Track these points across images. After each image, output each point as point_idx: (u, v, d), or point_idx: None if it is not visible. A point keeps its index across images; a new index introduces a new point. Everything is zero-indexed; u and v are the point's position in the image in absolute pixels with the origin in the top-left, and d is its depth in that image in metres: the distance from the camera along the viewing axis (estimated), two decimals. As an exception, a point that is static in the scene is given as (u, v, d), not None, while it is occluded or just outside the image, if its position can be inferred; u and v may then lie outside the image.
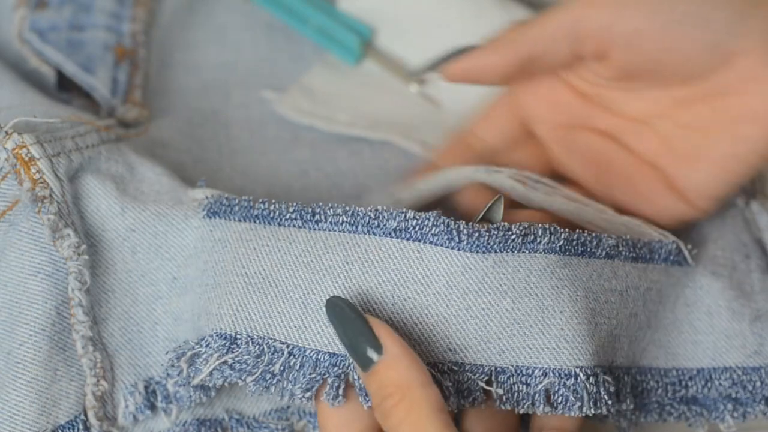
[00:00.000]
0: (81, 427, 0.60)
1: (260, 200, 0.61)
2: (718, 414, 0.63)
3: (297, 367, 0.57)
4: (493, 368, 0.57)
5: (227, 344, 0.58)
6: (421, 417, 0.53)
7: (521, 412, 0.58)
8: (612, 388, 0.59)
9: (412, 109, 0.77)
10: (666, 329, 0.63)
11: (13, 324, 0.60)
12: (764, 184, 0.72)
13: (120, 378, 0.61)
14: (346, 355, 0.57)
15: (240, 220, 0.61)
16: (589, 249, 0.59)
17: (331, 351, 0.57)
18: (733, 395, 0.63)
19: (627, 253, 0.61)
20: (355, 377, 0.56)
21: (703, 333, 0.63)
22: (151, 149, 0.70)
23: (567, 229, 0.59)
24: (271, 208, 0.60)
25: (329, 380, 0.56)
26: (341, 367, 0.57)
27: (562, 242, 0.58)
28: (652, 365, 0.62)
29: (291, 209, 0.60)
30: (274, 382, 0.57)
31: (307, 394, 0.57)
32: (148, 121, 0.72)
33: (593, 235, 0.60)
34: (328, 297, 0.57)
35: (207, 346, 0.58)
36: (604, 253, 0.60)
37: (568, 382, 0.57)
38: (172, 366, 0.59)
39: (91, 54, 0.73)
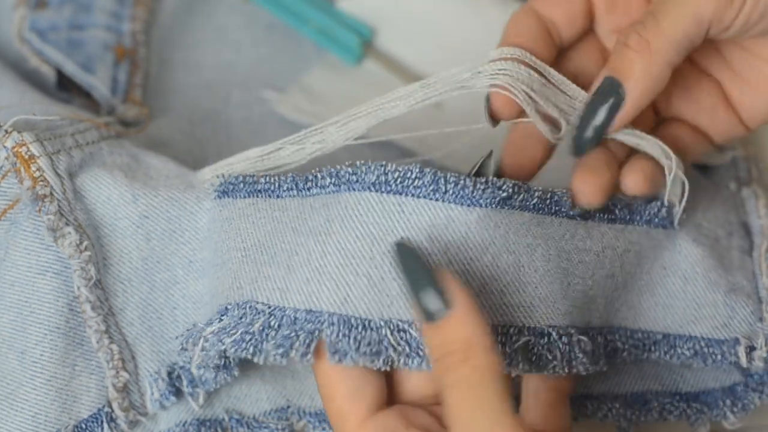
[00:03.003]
0: (105, 419, 0.60)
1: (263, 174, 0.60)
2: (719, 411, 0.63)
3: (276, 327, 0.56)
4: None
5: (219, 316, 0.58)
6: (484, 379, 0.52)
7: None
8: (588, 348, 0.58)
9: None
10: (639, 290, 0.62)
11: (24, 324, 0.60)
12: (760, 174, 0.72)
13: (143, 366, 0.61)
14: (321, 312, 0.55)
15: (245, 197, 0.61)
16: (562, 209, 0.59)
17: (307, 308, 0.56)
18: (693, 365, 0.62)
19: (602, 215, 0.60)
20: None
21: (676, 297, 0.62)
22: (151, 148, 0.70)
23: (541, 188, 0.58)
24: (272, 180, 0.60)
25: (301, 336, 0.55)
26: (315, 323, 0.55)
27: (535, 200, 0.57)
28: (621, 325, 0.61)
29: (288, 179, 0.59)
30: (252, 342, 0.56)
31: (280, 351, 0.55)
32: (148, 119, 0.72)
33: (567, 193, 0.59)
34: (311, 256, 0.56)
35: (210, 324, 0.58)
36: (578, 212, 0.59)
37: (541, 341, 0.57)
38: (184, 350, 0.59)
39: (91, 53, 0.73)
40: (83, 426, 0.60)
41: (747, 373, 0.64)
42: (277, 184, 0.60)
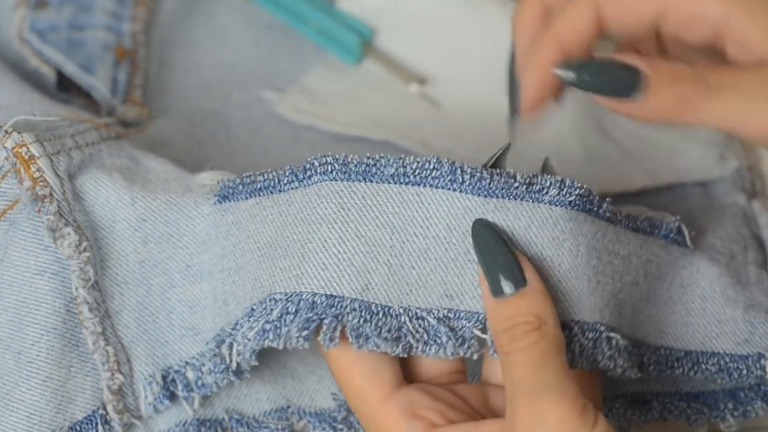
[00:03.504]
0: (99, 421, 0.60)
1: (260, 173, 0.60)
2: (719, 413, 0.63)
3: (293, 311, 0.56)
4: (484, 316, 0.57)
5: (247, 318, 0.58)
6: (551, 350, 0.54)
7: None
8: (622, 346, 0.58)
9: (412, 109, 0.77)
10: (660, 307, 0.62)
11: (21, 324, 0.60)
12: (765, 186, 0.72)
13: (138, 369, 0.61)
14: (343, 297, 0.56)
15: (247, 198, 0.61)
16: (594, 208, 0.59)
17: (327, 293, 0.56)
18: (718, 381, 0.62)
19: (626, 223, 0.61)
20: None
21: (696, 316, 0.63)
22: (151, 149, 0.70)
23: (582, 185, 0.58)
24: (271, 176, 0.60)
25: (326, 321, 0.56)
26: (338, 308, 0.56)
27: (573, 197, 0.58)
28: (645, 340, 0.62)
29: (287, 172, 0.59)
30: (272, 329, 0.56)
31: (304, 333, 0.55)
32: (148, 120, 0.72)
33: (597, 194, 0.59)
34: (326, 242, 0.57)
35: (240, 327, 0.58)
36: (606, 215, 0.59)
37: (563, 333, 0.57)
38: (215, 356, 0.59)
39: (91, 54, 0.73)
40: (78, 428, 0.60)
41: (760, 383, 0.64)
42: (276, 179, 0.60)
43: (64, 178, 0.61)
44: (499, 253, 0.56)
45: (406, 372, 0.58)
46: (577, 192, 0.57)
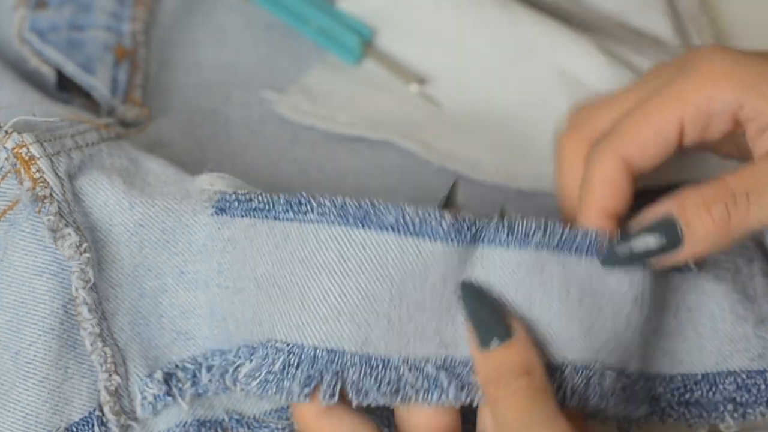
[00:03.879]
0: (96, 422, 0.60)
1: (256, 192, 0.60)
2: (718, 414, 0.63)
3: (295, 365, 0.57)
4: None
5: (249, 356, 0.59)
6: (540, 392, 0.55)
7: None
8: (617, 385, 0.59)
9: (412, 109, 0.77)
10: (670, 335, 0.63)
11: (20, 324, 0.60)
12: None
13: (133, 371, 0.61)
14: (344, 352, 0.57)
15: (242, 216, 0.61)
16: (591, 250, 0.59)
17: (328, 347, 0.57)
18: (738, 399, 0.63)
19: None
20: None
21: (707, 338, 0.63)
22: (151, 149, 0.70)
23: (566, 229, 0.58)
24: (265, 200, 0.60)
25: (326, 378, 0.57)
26: (339, 363, 0.57)
27: (557, 241, 0.58)
28: (660, 372, 0.62)
29: (282, 201, 0.59)
30: (275, 381, 0.57)
31: (306, 391, 0.57)
32: (148, 120, 0.72)
33: (598, 235, 0.59)
34: (327, 294, 0.57)
35: (241, 356, 0.59)
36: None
37: (555, 375, 0.58)
38: (219, 379, 0.60)
39: (91, 54, 0.73)
40: (74, 429, 0.60)
41: None
42: (271, 204, 0.59)
43: (64, 179, 0.61)
44: (485, 306, 0.57)
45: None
46: (561, 236, 0.58)
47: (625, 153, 0.60)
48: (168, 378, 0.61)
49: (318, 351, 0.57)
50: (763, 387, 0.62)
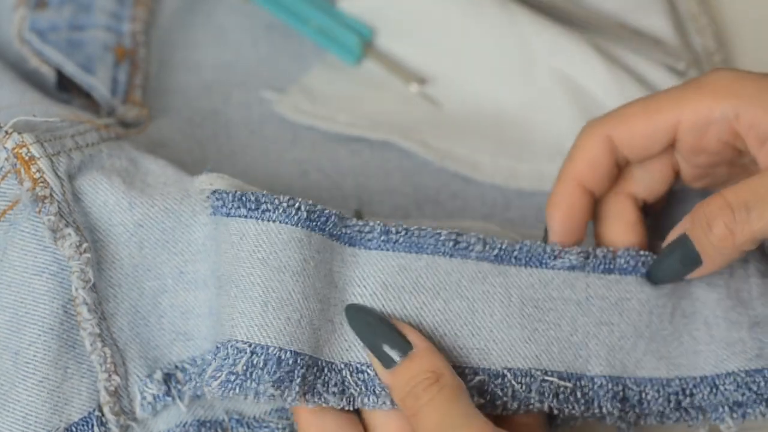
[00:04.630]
0: (95, 423, 0.60)
1: (215, 191, 0.61)
2: (718, 415, 0.63)
3: (260, 366, 0.57)
4: None
5: (213, 356, 0.59)
6: (453, 394, 0.57)
7: None
8: (559, 390, 0.60)
9: (412, 109, 0.77)
10: (665, 340, 0.63)
11: (19, 324, 0.60)
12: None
13: (133, 371, 0.61)
14: (304, 354, 0.58)
15: (216, 215, 0.61)
16: (533, 260, 0.61)
17: (292, 349, 0.58)
18: (739, 398, 0.63)
19: (597, 266, 0.62)
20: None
21: (703, 343, 0.63)
22: (151, 149, 0.70)
23: (505, 240, 0.61)
24: (218, 197, 0.60)
25: (296, 380, 0.57)
26: (302, 365, 0.58)
27: (496, 252, 0.60)
28: (653, 375, 0.62)
29: (232, 197, 0.59)
30: (238, 382, 0.57)
31: (278, 392, 0.57)
32: (148, 120, 0.72)
33: (549, 247, 0.61)
34: (291, 296, 0.58)
35: (207, 368, 0.59)
36: (561, 264, 0.61)
37: (496, 381, 0.60)
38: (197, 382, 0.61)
39: (91, 54, 0.73)
40: (74, 429, 0.60)
41: None
42: (226, 201, 0.60)
43: (64, 179, 0.61)
44: (378, 327, 0.58)
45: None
46: (499, 247, 0.60)
47: (614, 136, 0.62)
48: (167, 378, 0.61)
49: (284, 352, 0.58)
50: (762, 384, 0.62)
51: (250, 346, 0.58)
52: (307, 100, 0.76)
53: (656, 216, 0.67)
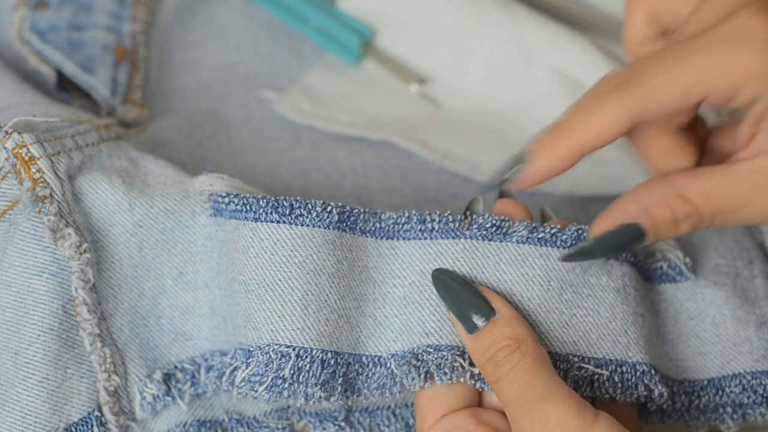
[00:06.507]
0: (95, 423, 0.60)
1: (235, 195, 0.61)
2: (718, 416, 0.63)
3: (306, 368, 0.58)
4: (464, 348, 0.59)
5: (246, 359, 0.59)
6: (535, 363, 0.56)
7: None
8: (594, 378, 0.59)
9: (412, 109, 0.77)
10: (672, 343, 0.63)
11: (19, 324, 0.60)
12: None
13: (132, 371, 0.61)
14: (343, 353, 0.59)
15: (229, 218, 0.61)
16: (571, 244, 0.60)
17: (334, 350, 0.58)
18: (744, 400, 0.63)
19: (627, 256, 0.61)
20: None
21: (710, 343, 0.63)
22: (151, 149, 0.71)
23: (551, 225, 0.59)
24: (244, 202, 0.60)
25: (338, 379, 0.58)
26: (343, 365, 0.58)
27: (544, 235, 0.60)
28: (668, 375, 0.63)
29: (266, 203, 0.59)
30: (286, 386, 0.58)
31: (323, 394, 0.58)
32: (148, 120, 0.72)
33: (578, 230, 0.59)
34: (329, 297, 0.58)
35: (237, 358, 0.60)
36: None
37: None
38: (216, 382, 0.61)
39: (91, 54, 0.73)
40: (73, 429, 0.60)
41: None
42: (249, 206, 0.60)
43: (64, 179, 0.61)
44: (462, 292, 0.58)
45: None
46: (550, 231, 0.59)
47: (640, 111, 0.56)
48: (167, 378, 0.62)
49: (326, 354, 0.58)
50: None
51: (294, 349, 0.58)
52: (307, 100, 0.76)
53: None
